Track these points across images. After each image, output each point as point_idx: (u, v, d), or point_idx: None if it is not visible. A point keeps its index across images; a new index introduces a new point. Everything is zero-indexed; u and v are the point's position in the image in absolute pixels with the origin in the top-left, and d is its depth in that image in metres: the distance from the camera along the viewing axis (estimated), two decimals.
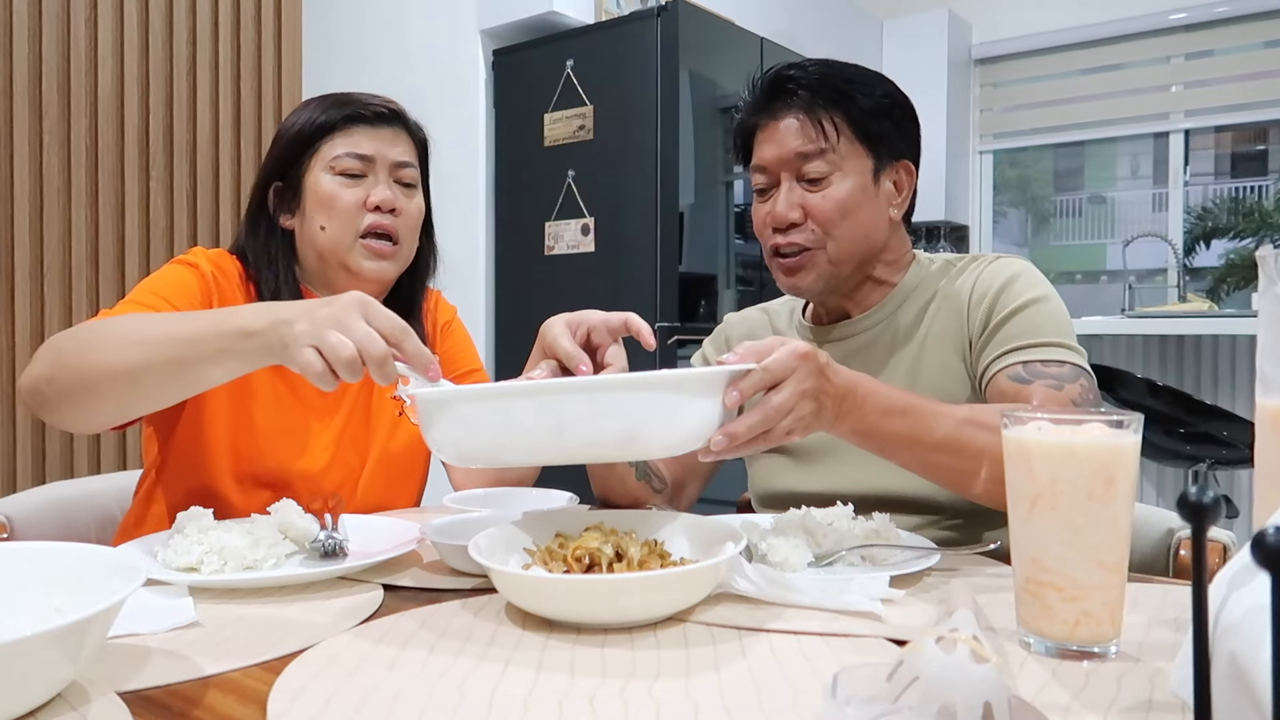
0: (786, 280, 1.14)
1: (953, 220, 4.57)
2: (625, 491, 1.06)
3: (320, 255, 1.17)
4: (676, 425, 0.73)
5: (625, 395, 0.71)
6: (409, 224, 1.20)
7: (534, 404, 0.72)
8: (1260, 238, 3.87)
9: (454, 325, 1.38)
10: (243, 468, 1.12)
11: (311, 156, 1.17)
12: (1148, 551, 1.06)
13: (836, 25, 4.23)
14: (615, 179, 2.87)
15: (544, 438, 0.72)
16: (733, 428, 0.75)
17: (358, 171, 1.16)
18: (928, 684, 0.42)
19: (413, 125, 1.23)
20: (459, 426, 0.75)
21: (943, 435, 0.86)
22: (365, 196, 1.16)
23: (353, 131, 1.17)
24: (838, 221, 1.09)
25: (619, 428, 0.71)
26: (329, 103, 1.19)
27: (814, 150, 1.08)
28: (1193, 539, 0.36)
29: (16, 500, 1.22)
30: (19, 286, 2.21)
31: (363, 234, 1.16)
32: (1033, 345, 1.02)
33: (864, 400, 0.83)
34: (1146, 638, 0.66)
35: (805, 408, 0.78)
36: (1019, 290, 1.06)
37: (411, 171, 1.20)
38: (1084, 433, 0.62)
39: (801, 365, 0.77)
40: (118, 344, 0.87)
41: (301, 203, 1.17)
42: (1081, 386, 0.99)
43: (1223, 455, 2.63)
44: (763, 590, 0.74)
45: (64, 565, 0.64)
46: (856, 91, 1.09)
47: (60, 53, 2.27)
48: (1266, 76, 4.11)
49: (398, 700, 0.55)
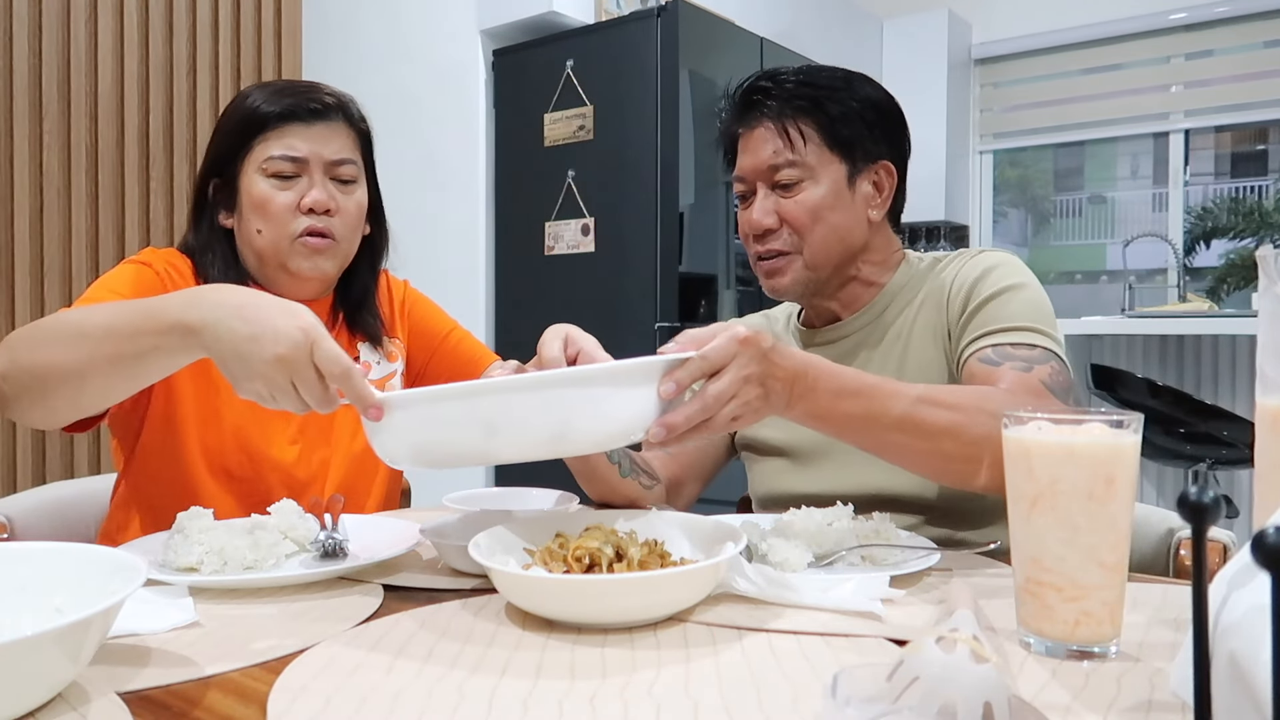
0: (767, 283, 1.16)
1: (953, 220, 4.56)
2: (614, 490, 1.06)
3: (258, 257, 1.16)
4: (608, 418, 0.73)
5: (551, 391, 0.71)
6: (347, 222, 1.17)
7: (463, 406, 0.72)
8: (1260, 238, 3.87)
9: (413, 299, 1.35)
10: (214, 461, 1.11)
11: (245, 156, 1.14)
12: (1148, 551, 1.06)
13: (836, 25, 4.23)
14: (615, 179, 2.87)
15: (478, 438, 0.72)
16: (670, 418, 0.75)
17: (290, 173, 1.13)
18: (928, 684, 0.42)
19: (355, 116, 1.20)
20: (398, 432, 0.75)
21: (898, 415, 0.85)
22: (299, 199, 1.13)
23: (285, 131, 1.13)
24: (810, 226, 1.11)
25: (549, 423, 0.71)
26: (266, 95, 1.15)
27: (784, 161, 1.11)
28: (1193, 539, 0.36)
29: (16, 500, 1.22)
30: (19, 286, 2.21)
31: (297, 237, 1.13)
32: (1005, 330, 1.02)
33: (816, 383, 0.83)
34: (1146, 638, 0.66)
35: (750, 393, 0.78)
36: (995, 279, 1.07)
37: (350, 168, 1.17)
38: (1084, 433, 0.62)
39: (742, 351, 0.77)
40: (62, 340, 0.87)
41: (238, 203, 1.15)
42: (1052, 369, 0.98)
43: (1223, 455, 2.63)
44: (763, 590, 0.74)
45: (64, 565, 0.64)
46: (826, 99, 1.11)
47: (60, 53, 2.28)
48: (1266, 76, 4.11)
49: (397, 700, 0.55)
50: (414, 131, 3.10)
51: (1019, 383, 0.96)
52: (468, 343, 1.35)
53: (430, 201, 3.10)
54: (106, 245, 2.35)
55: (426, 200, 3.09)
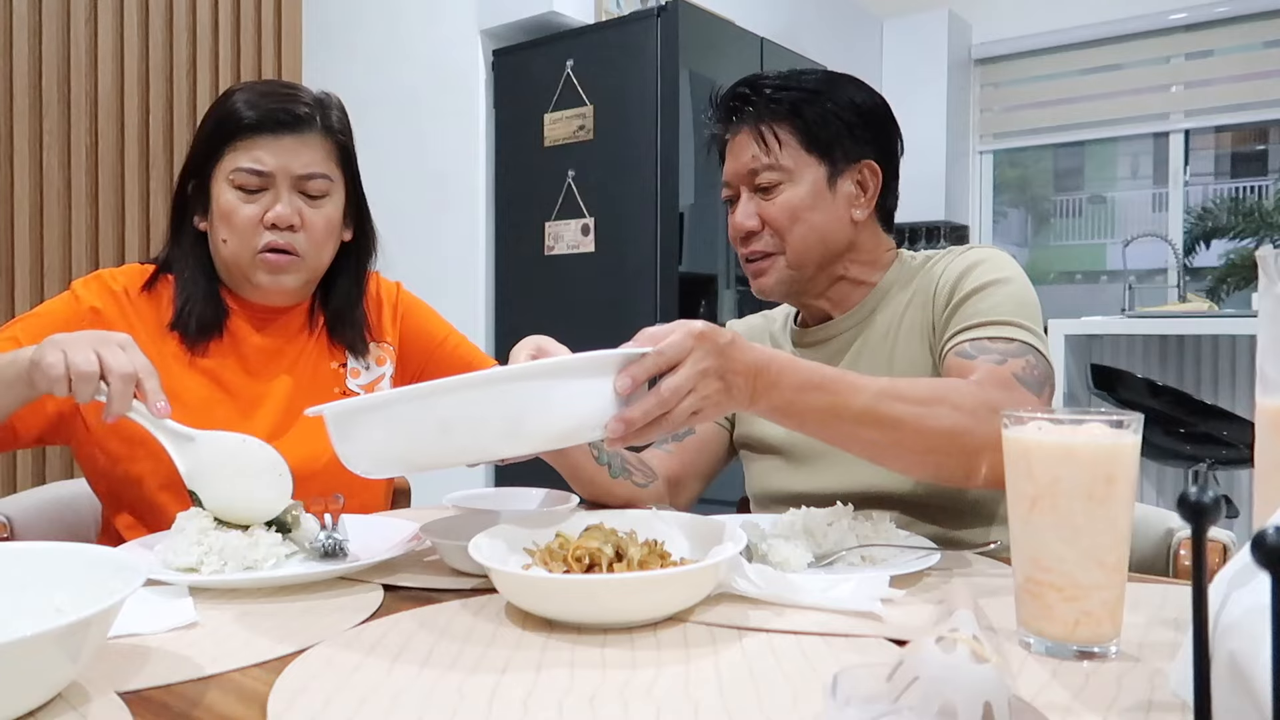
0: (755, 284, 1.18)
1: (953, 220, 4.56)
2: (606, 491, 1.06)
3: (225, 265, 1.16)
4: (561, 413, 0.73)
5: (500, 386, 0.71)
6: (313, 237, 1.15)
7: (415, 407, 0.72)
8: (1260, 238, 3.87)
9: (407, 303, 1.34)
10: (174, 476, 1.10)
11: (216, 163, 1.13)
12: (1148, 551, 1.06)
13: (836, 25, 4.23)
14: (615, 179, 2.87)
15: (433, 439, 0.72)
16: (628, 413, 0.75)
17: (256, 186, 1.12)
18: (928, 684, 0.42)
19: (334, 125, 1.17)
20: (355, 440, 0.75)
21: (860, 408, 0.85)
22: (264, 212, 1.12)
23: (254, 142, 1.11)
24: (789, 226, 1.12)
25: (502, 419, 0.71)
26: (246, 97, 1.13)
27: (761, 164, 1.12)
28: (1193, 539, 0.36)
29: (16, 500, 1.22)
30: (19, 286, 2.21)
31: (259, 251, 1.13)
32: (983, 324, 1.02)
33: (779, 377, 0.83)
34: (1146, 638, 0.66)
35: (709, 387, 0.78)
36: (979, 275, 1.07)
37: (320, 183, 1.14)
38: (1084, 433, 0.62)
39: (698, 345, 0.77)
40: None
41: (210, 208, 1.15)
42: (1026, 363, 0.98)
43: (1223, 455, 2.63)
44: (763, 590, 0.74)
45: (64, 565, 0.64)
46: (803, 103, 1.12)
47: (60, 53, 2.27)
48: (1266, 76, 4.11)
49: (397, 700, 0.55)
50: (414, 131, 3.10)
51: (989, 375, 0.95)
52: (464, 348, 1.34)
53: (430, 201, 3.10)
54: (106, 245, 2.35)
55: (426, 200, 3.09)
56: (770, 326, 1.30)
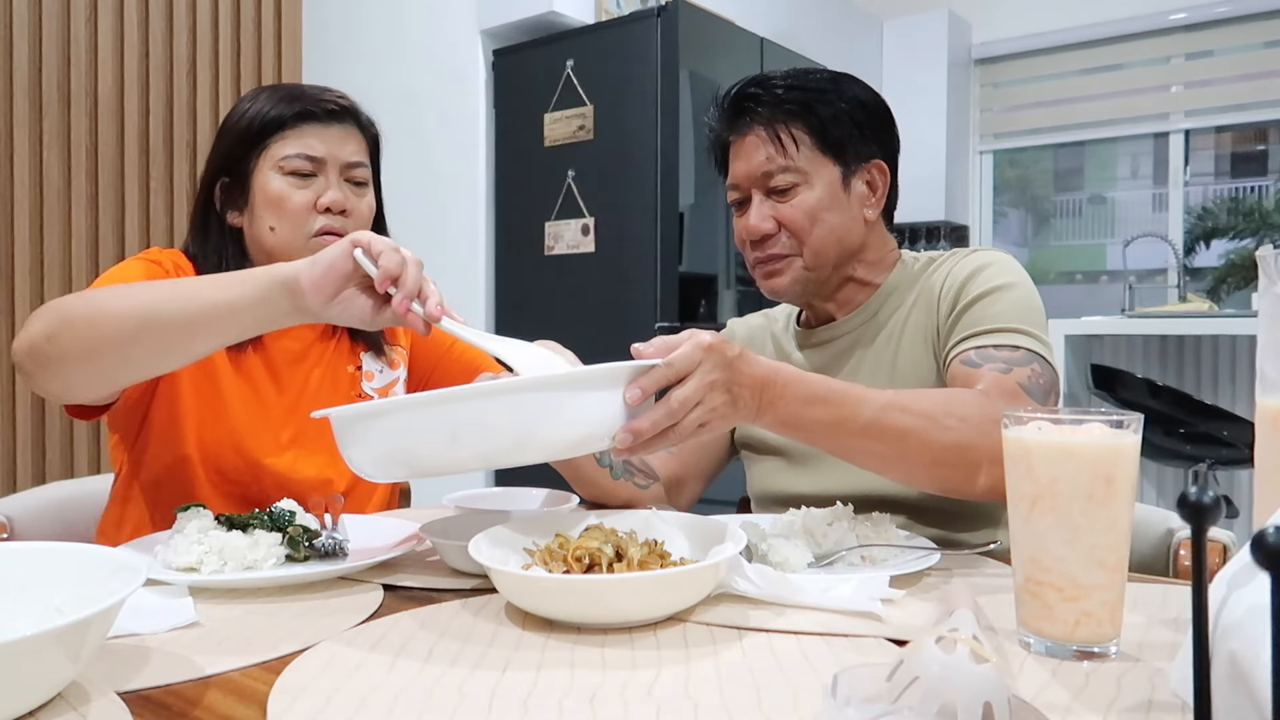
0: (765, 284, 1.16)
1: (953, 220, 4.56)
2: (607, 493, 1.06)
3: (270, 255, 1.15)
4: (572, 424, 0.73)
5: (513, 397, 0.71)
6: (360, 223, 1.18)
7: (425, 414, 0.72)
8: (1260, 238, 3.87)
9: None
10: (210, 463, 1.11)
11: (260, 154, 1.14)
12: (1148, 551, 1.06)
13: (836, 25, 4.23)
14: (615, 179, 2.87)
15: (442, 446, 0.72)
16: (636, 424, 0.75)
17: (308, 172, 1.13)
18: (928, 684, 0.42)
19: (365, 121, 1.21)
20: (363, 444, 0.75)
21: (865, 421, 0.85)
22: (316, 198, 1.13)
23: (304, 130, 1.14)
24: (809, 228, 1.11)
25: (512, 430, 0.71)
26: (279, 96, 1.15)
27: (777, 166, 1.11)
28: (1193, 539, 0.36)
29: (16, 500, 1.22)
30: (19, 286, 2.21)
31: (313, 235, 1.14)
32: (989, 331, 1.02)
33: (785, 390, 0.83)
34: (1146, 638, 0.66)
35: (716, 399, 0.78)
36: (985, 279, 1.07)
37: (363, 171, 1.18)
38: (1084, 433, 0.62)
39: (707, 357, 0.77)
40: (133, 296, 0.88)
41: (250, 200, 1.15)
42: (1032, 371, 0.98)
43: (1223, 455, 2.63)
44: (763, 590, 0.74)
45: (64, 565, 0.64)
46: (815, 102, 1.11)
47: (60, 53, 2.27)
48: (1266, 76, 4.11)
49: (398, 700, 0.55)
50: (414, 131, 3.10)
51: (995, 385, 0.95)
52: (471, 352, 1.34)
53: (430, 201, 3.10)
54: (106, 245, 2.35)
55: (426, 200, 3.09)
56: (772, 326, 1.29)
